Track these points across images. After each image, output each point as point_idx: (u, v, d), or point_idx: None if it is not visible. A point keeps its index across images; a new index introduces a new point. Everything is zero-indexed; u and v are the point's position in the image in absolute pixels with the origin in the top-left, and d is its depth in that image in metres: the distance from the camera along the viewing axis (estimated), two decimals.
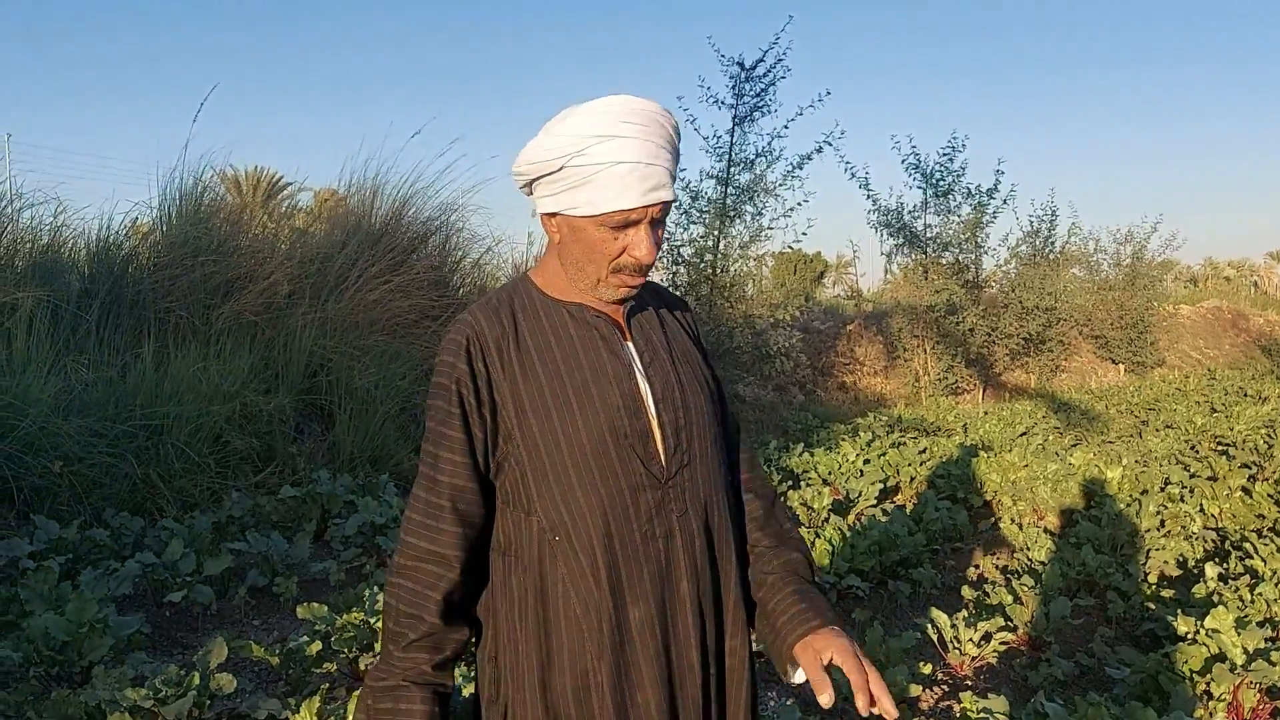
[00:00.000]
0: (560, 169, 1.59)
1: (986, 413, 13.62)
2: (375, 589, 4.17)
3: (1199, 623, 3.79)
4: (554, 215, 1.66)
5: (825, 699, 1.58)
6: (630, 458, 1.62)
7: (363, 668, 3.68)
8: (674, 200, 1.64)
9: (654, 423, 1.65)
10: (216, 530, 5.73)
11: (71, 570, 4.90)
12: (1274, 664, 3.39)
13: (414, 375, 8.23)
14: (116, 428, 6.15)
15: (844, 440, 9.31)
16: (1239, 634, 3.60)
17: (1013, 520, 6.58)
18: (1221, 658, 3.55)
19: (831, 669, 1.63)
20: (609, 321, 1.70)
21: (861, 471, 7.70)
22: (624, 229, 1.61)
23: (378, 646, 3.77)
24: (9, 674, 3.84)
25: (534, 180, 1.66)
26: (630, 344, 1.71)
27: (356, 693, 3.34)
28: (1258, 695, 3.41)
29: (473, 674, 3.30)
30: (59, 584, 4.33)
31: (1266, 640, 3.57)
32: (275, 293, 8.07)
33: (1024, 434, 10.99)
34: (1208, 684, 3.50)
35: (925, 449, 8.83)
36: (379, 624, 3.85)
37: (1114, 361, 20.77)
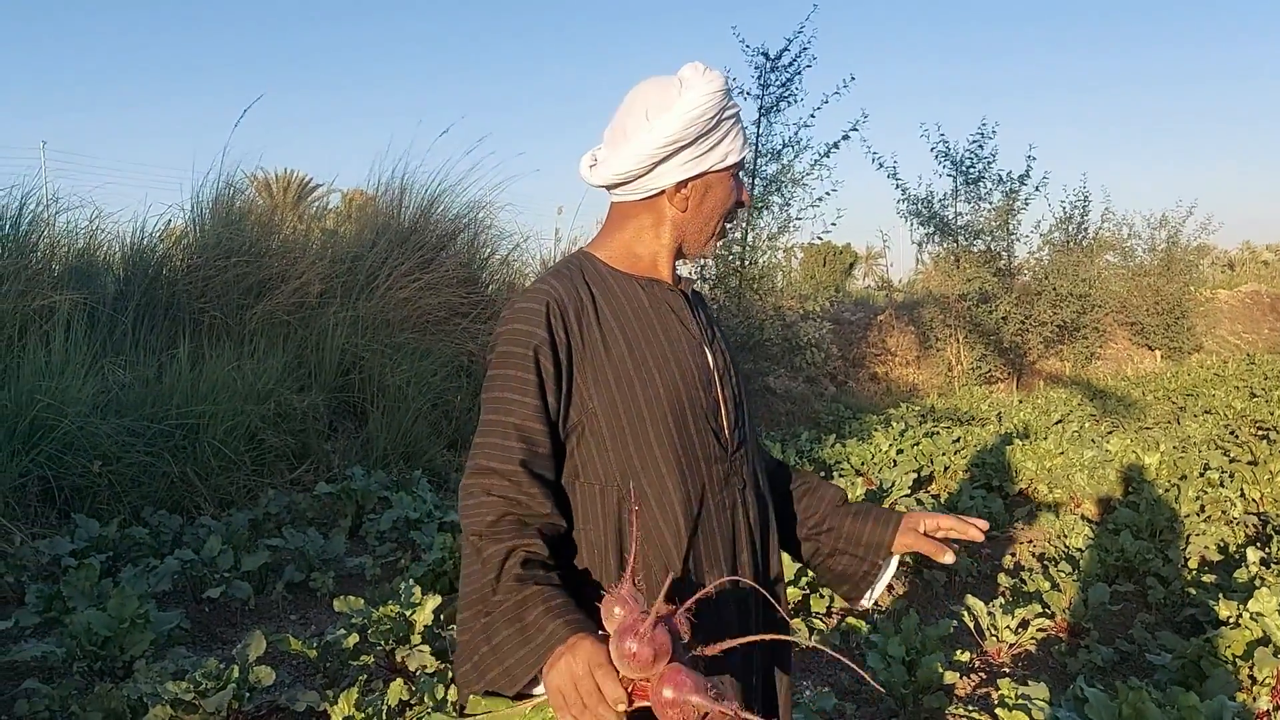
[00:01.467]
0: (715, 126, 1.63)
1: (1021, 401, 13.49)
2: (410, 582, 4.19)
3: (1242, 606, 3.74)
4: (687, 183, 1.65)
5: (949, 558, 1.77)
6: (705, 429, 1.64)
7: (399, 660, 3.71)
8: None
9: (720, 395, 1.68)
10: (253, 527, 5.80)
11: (112, 568, 4.97)
12: None
13: (445, 372, 8.27)
14: (153, 427, 6.23)
15: (876, 430, 9.25)
16: None
17: (1049, 508, 6.51)
18: (1265, 641, 3.50)
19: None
20: (679, 296, 1.71)
21: (895, 461, 7.65)
22: (738, 176, 1.72)
23: (414, 639, 3.80)
24: (53, 669, 3.91)
25: (674, 153, 1.63)
26: (697, 322, 1.73)
27: (394, 684, 3.38)
28: None
29: None
30: (100, 581, 4.39)
31: None
32: (307, 292, 8.14)
33: (1059, 421, 10.88)
34: (1251, 668, 3.45)
35: (959, 438, 8.76)
36: (414, 616, 3.89)
37: (1150, 348, 20.52)
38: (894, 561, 1.83)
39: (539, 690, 1.40)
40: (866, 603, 1.88)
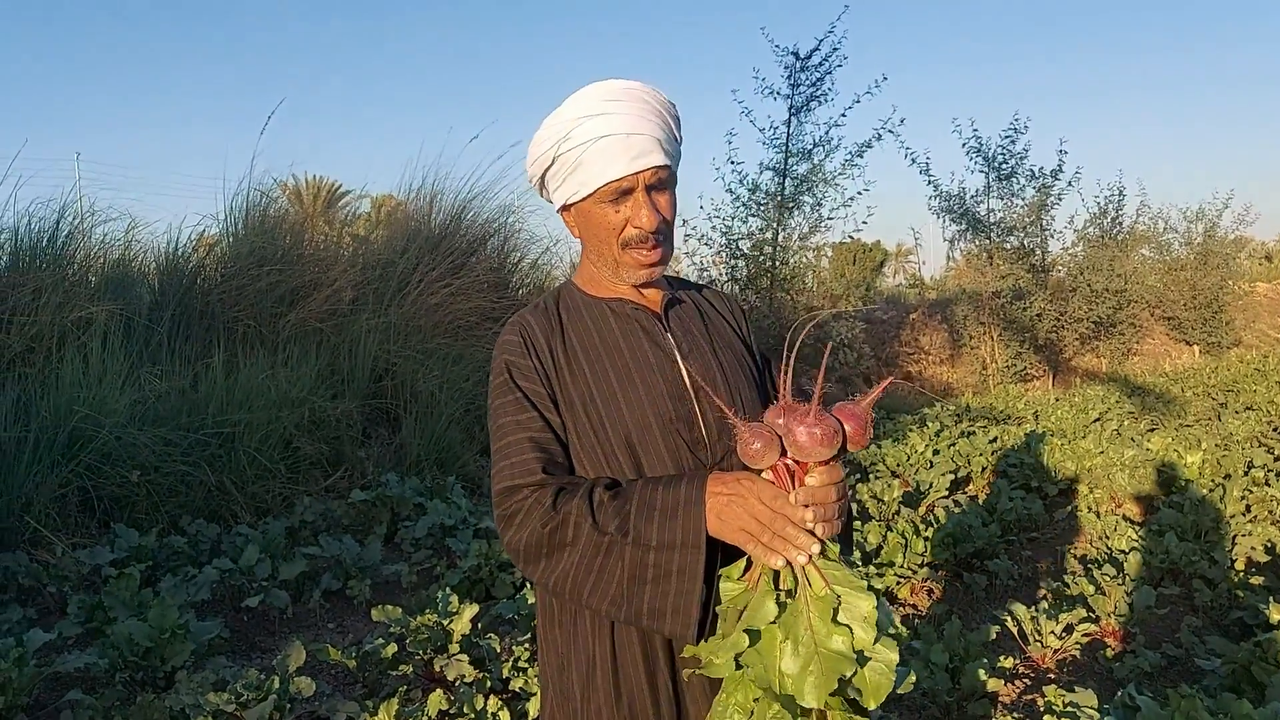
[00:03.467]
0: (554, 160, 1.65)
1: (1057, 399, 13.34)
2: (447, 590, 4.18)
3: None
4: (568, 210, 1.71)
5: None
6: (676, 442, 1.62)
7: (437, 669, 3.70)
8: (667, 166, 1.65)
9: (697, 408, 1.66)
10: (289, 535, 5.82)
11: (151, 577, 5.01)
12: None
13: (477, 377, 8.28)
14: (190, 436, 6.26)
15: (911, 431, 9.17)
16: None
17: (1090, 508, 6.41)
18: None
19: None
20: (649, 313, 1.73)
21: (931, 463, 7.58)
22: (621, 200, 1.64)
23: (452, 648, 3.79)
24: (95, 680, 3.93)
25: (542, 181, 1.72)
26: (669, 335, 1.72)
27: (433, 694, 3.37)
28: None
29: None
30: (140, 591, 4.42)
31: None
32: (339, 299, 8.18)
33: (1098, 420, 10.74)
34: None
35: (996, 438, 8.67)
36: (452, 625, 3.88)
37: (1188, 343, 20.24)
38: None
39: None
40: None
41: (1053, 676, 3.96)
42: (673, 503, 1.45)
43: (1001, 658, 3.82)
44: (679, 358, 1.70)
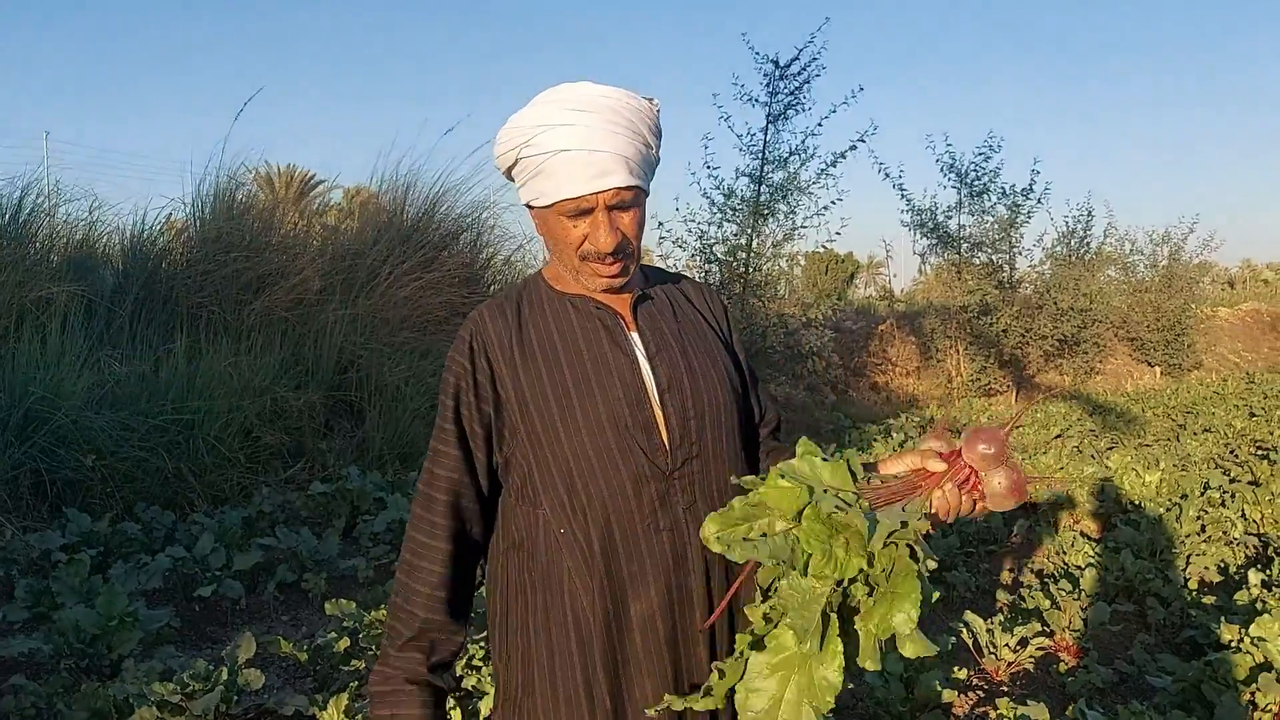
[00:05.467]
0: (515, 161, 1.62)
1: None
2: None
3: (1244, 630, 3.69)
4: (531, 209, 1.68)
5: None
6: (632, 449, 1.58)
7: None
8: (632, 186, 1.58)
9: (658, 413, 1.62)
10: (246, 525, 5.75)
11: (103, 564, 4.92)
12: None
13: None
14: (148, 422, 6.18)
15: (877, 441, 9.21)
16: None
17: (1049, 524, 6.46)
18: (1268, 667, 3.45)
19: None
20: (612, 313, 1.68)
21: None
22: (580, 217, 1.59)
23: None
24: (40, 666, 3.86)
25: (507, 169, 1.68)
26: (635, 334, 1.68)
27: None
28: None
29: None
30: (90, 577, 4.35)
31: None
32: (306, 289, 8.10)
33: (1059, 436, 10.83)
34: (1253, 694, 3.41)
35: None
36: None
37: (1150, 364, 20.47)
38: None
39: None
40: None
41: (1006, 689, 3.98)
42: None
43: (956, 669, 3.83)
44: (643, 359, 1.65)
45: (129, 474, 5.90)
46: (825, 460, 1.41)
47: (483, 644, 3.92)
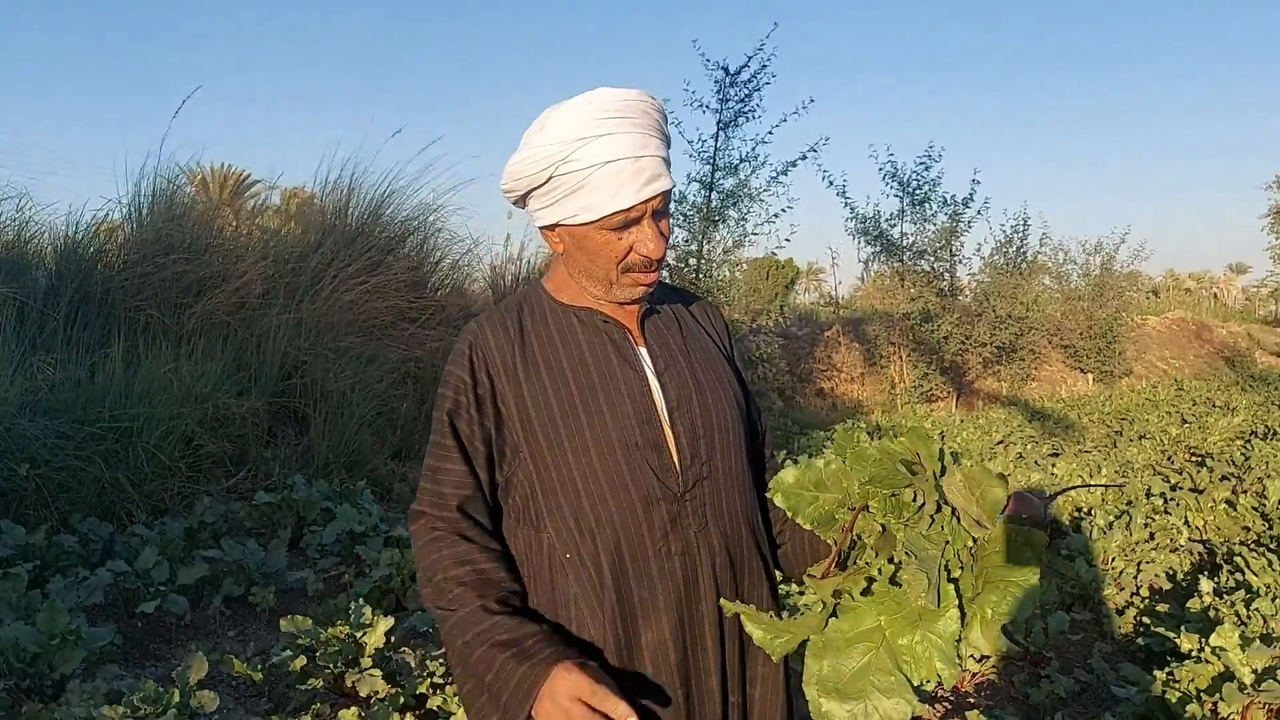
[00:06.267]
0: (549, 179, 1.52)
1: (962, 420, 13.63)
2: (360, 602, 4.03)
3: (1204, 640, 3.73)
4: (554, 227, 1.58)
5: None
6: (642, 469, 1.52)
7: (349, 684, 3.54)
8: (674, 186, 1.56)
9: (668, 432, 1.56)
10: (188, 537, 5.55)
11: (39, 578, 4.71)
12: None
13: (392, 379, 8.07)
14: (85, 430, 5.95)
15: (826, 448, 9.24)
16: (1244, 652, 3.54)
17: None
18: (1229, 677, 3.49)
19: None
20: (619, 327, 1.61)
21: None
22: (626, 228, 1.52)
23: (365, 662, 3.64)
24: None
25: (525, 195, 1.58)
26: (643, 349, 1.62)
27: (344, 711, 3.22)
28: (1267, 716, 3.36)
29: None
30: (27, 592, 4.15)
31: (1274, 659, 3.51)
32: (248, 292, 7.88)
33: (1001, 442, 10.99)
34: (1214, 704, 3.44)
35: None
36: (365, 638, 3.73)
37: (1083, 371, 20.92)
38: None
39: None
40: None
41: (973, 700, 3.99)
42: (504, 680, 1.44)
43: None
44: (652, 376, 1.59)
45: (64, 484, 5.67)
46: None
47: (443, 660, 3.83)
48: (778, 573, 1.72)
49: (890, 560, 1.33)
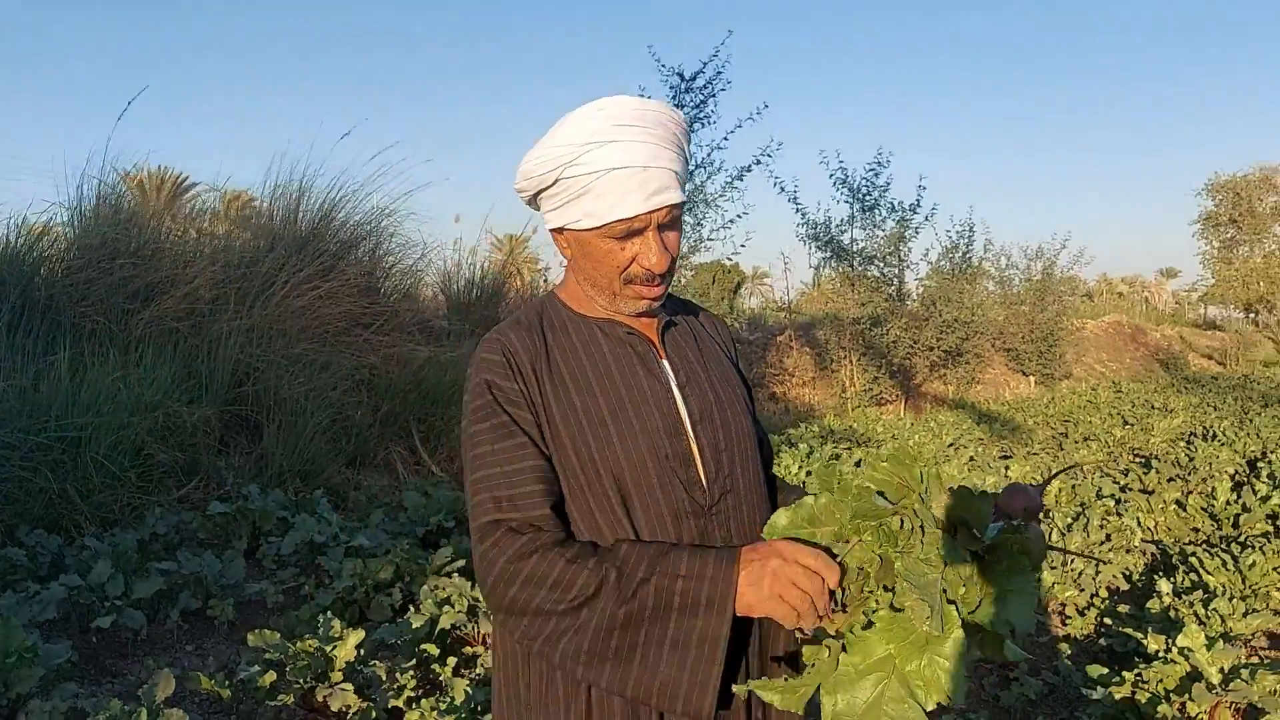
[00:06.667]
0: (555, 181, 1.50)
1: (912, 423, 13.78)
2: (328, 614, 3.95)
3: (1170, 641, 3.80)
4: (561, 231, 1.56)
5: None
6: (672, 483, 1.50)
7: (319, 699, 3.47)
8: (683, 202, 1.52)
9: (693, 445, 1.54)
10: (140, 549, 5.41)
11: None
12: (1250, 683, 3.40)
13: (346, 385, 7.94)
14: (30, 440, 5.78)
15: (784, 452, 9.28)
16: (1209, 652, 3.61)
17: None
18: (1197, 677, 3.55)
19: None
20: (643, 339, 1.59)
21: (804, 483, 7.66)
22: (630, 238, 1.50)
23: (335, 676, 3.56)
24: None
25: (535, 195, 1.57)
26: (666, 361, 1.60)
27: None
28: (1235, 715, 3.42)
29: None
30: None
31: (1240, 658, 3.58)
32: (198, 298, 7.71)
33: (952, 445, 11.12)
34: (1183, 704, 3.50)
35: (860, 460, 8.85)
36: (335, 651, 3.65)
37: (1025, 373, 21.27)
38: None
39: None
40: None
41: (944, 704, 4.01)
42: (700, 565, 1.36)
43: None
44: (675, 389, 1.57)
45: (10, 496, 5.50)
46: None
47: (414, 673, 3.77)
48: None
49: (887, 588, 1.33)
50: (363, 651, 3.85)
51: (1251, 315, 35.55)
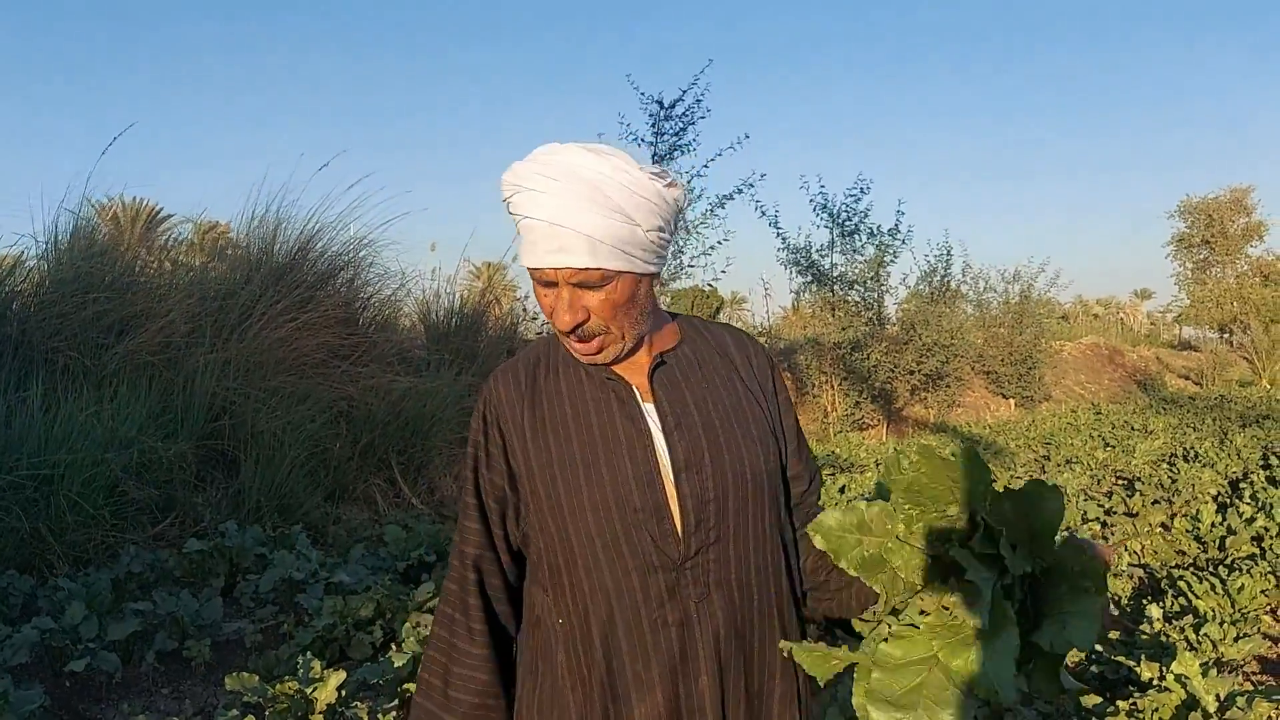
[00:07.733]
0: (508, 208, 1.50)
1: (896, 448, 13.77)
2: (308, 655, 3.86)
3: (1165, 668, 3.76)
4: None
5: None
6: (639, 536, 1.44)
7: None
8: (598, 270, 1.42)
9: (672, 495, 1.46)
10: (115, 588, 5.29)
11: None
12: (1247, 711, 3.36)
13: (324, 418, 7.84)
14: (1, 478, 5.66)
15: None
16: (1204, 679, 3.57)
17: None
18: (1193, 705, 3.51)
19: None
20: (624, 383, 1.52)
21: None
22: (548, 287, 1.46)
23: (315, 719, 3.47)
24: None
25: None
26: (651, 405, 1.52)
27: None
28: None
29: None
30: None
31: (1235, 685, 3.54)
32: (173, 331, 7.61)
33: None
34: None
35: (844, 486, 8.82)
36: (315, 694, 3.56)
37: (1004, 396, 21.37)
38: None
39: None
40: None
41: None
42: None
43: None
44: (659, 434, 1.49)
45: None
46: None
47: (396, 714, 3.68)
48: (813, 626, 1.65)
49: (938, 589, 1.30)
50: (344, 693, 3.75)
51: (1226, 335, 35.88)
